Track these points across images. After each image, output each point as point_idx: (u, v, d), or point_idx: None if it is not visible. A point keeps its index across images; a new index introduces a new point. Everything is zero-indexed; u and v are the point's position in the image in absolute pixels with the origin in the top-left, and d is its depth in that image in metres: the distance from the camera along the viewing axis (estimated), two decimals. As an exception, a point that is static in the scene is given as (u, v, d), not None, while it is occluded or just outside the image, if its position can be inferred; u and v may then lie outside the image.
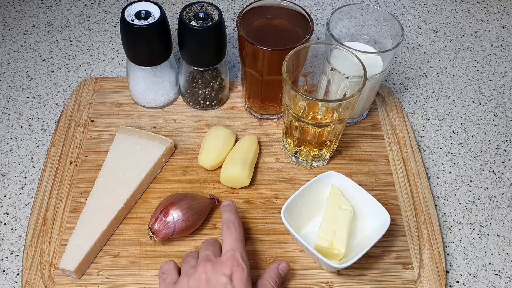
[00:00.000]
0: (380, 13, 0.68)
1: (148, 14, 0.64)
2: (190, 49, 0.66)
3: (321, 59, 0.64)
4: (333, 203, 0.60)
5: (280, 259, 0.59)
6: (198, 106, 0.74)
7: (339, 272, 0.59)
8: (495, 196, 0.68)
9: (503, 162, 0.72)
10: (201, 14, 0.65)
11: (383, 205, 0.64)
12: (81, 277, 0.57)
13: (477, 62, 0.87)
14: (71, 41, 0.85)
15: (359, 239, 0.59)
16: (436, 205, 0.67)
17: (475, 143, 0.75)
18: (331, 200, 0.60)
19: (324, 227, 0.58)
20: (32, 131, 0.72)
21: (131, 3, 0.65)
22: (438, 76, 0.84)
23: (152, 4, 0.66)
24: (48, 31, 0.86)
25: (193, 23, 0.65)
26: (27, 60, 0.81)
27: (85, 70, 0.81)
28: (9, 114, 0.74)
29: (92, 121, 0.72)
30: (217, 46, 0.66)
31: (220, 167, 0.66)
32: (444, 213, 0.66)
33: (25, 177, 0.67)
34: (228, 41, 0.79)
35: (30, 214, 0.62)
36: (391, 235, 0.62)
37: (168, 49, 0.68)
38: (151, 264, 0.58)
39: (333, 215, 0.58)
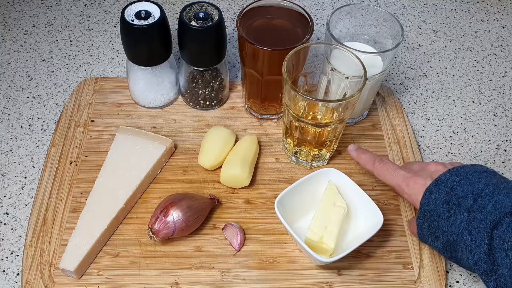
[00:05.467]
0: (380, 13, 0.68)
1: (148, 14, 0.64)
2: (190, 49, 0.66)
3: (321, 59, 0.64)
4: (328, 199, 0.60)
5: (280, 259, 0.59)
6: (198, 106, 0.74)
7: (339, 272, 0.59)
8: (495, 196, 0.68)
9: (503, 162, 0.72)
10: (201, 14, 0.65)
11: (383, 205, 0.65)
12: (81, 277, 0.57)
13: (477, 62, 0.87)
14: (71, 41, 0.85)
15: (351, 238, 0.59)
16: (436, 205, 0.67)
17: (475, 143, 0.75)
18: (326, 196, 0.60)
19: (316, 221, 0.58)
20: (32, 131, 0.72)
21: (131, 3, 0.65)
22: (438, 76, 0.84)
23: (152, 4, 0.66)
24: (48, 31, 0.86)
25: (193, 23, 0.65)
26: (27, 60, 0.81)
27: (85, 70, 0.81)
28: (9, 114, 0.74)
29: (92, 121, 0.72)
30: (217, 46, 0.66)
31: (220, 167, 0.66)
32: (444, 213, 0.66)
33: (25, 177, 0.67)
34: (228, 41, 0.79)
35: (30, 214, 0.62)
36: (391, 235, 0.62)
37: (168, 49, 0.68)
38: (151, 264, 0.58)
39: (326, 211, 0.58)
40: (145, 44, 0.65)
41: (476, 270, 0.49)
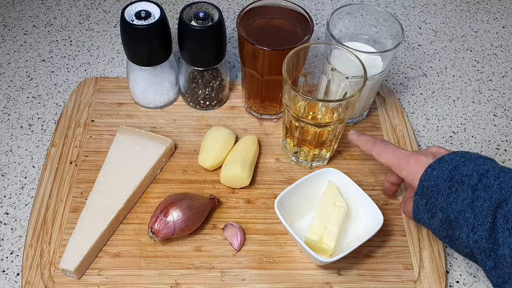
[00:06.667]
0: (380, 13, 0.68)
1: (148, 14, 0.64)
2: (190, 49, 0.66)
3: (321, 59, 0.64)
4: (328, 199, 0.60)
5: (280, 259, 0.59)
6: (198, 106, 0.74)
7: (339, 272, 0.59)
8: (495, 196, 0.68)
9: (503, 162, 0.72)
10: (201, 14, 0.65)
11: (383, 205, 0.65)
12: (81, 277, 0.57)
13: (477, 62, 0.87)
14: (71, 41, 0.85)
15: (351, 238, 0.59)
16: (436, 205, 0.67)
17: (475, 143, 0.75)
18: (326, 196, 0.60)
19: (316, 221, 0.58)
20: (32, 131, 0.72)
21: (131, 3, 0.65)
22: (438, 76, 0.84)
23: (152, 4, 0.66)
24: (48, 31, 0.86)
25: (193, 23, 0.65)
26: (27, 60, 0.81)
27: (85, 70, 0.81)
28: (9, 114, 0.74)
29: (92, 121, 0.72)
30: (217, 46, 0.67)
31: (220, 167, 0.66)
32: (444, 213, 0.66)
33: (25, 177, 0.66)
34: (228, 41, 0.79)
35: (30, 214, 0.62)
36: (391, 235, 0.62)
37: (168, 49, 0.68)
38: (151, 264, 0.58)
39: (326, 211, 0.59)
40: (145, 44, 0.65)
41: (475, 249, 0.49)
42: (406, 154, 0.56)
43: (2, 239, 0.61)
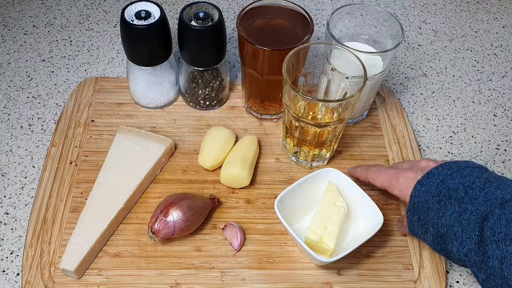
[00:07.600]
0: (380, 13, 0.68)
1: (148, 14, 0.64)
2: (190, 49, 0.66)
3: (321, 59, 0.64)
4: (328, 199, 0.60)
5: (280, 259, 0.59)
6: (198, 106, 0.74)
7: (339, 272, 0.59)
8: (495, 196, 0.68)
9: (503, 162, 0.72)
10: (201, 14, 0.65)
11: (383, 205, 0.65)
12: (81, 277, 0.57)
13: (477, 62, 0.87)
14: (71, 41, 0.85)
15: (351, 238, 0.59)
16: (436, 205, 0.67)
17: (475, 143, 0.75)
18: (326, 196, 0.60)
19: (316, 221, 0.58)
20: (32, 131, 0.72)
21: (131, 3, 0.65)
22: (438, 76, 0.84)
23: (152, 4, 0.66)
24: (48, 31, 0.86)
25: (193, 23, 0.65)
26: (27, 60, 0.81)
27: (85, 70, 0.81)
28: (9, 114, 0.74)
29: (92, 121, 0.72)
30: (217, 46, 0.67)
31: (220, 167, 0.66)
32: (444, 213, 0.66)
33: (25, 177, 0.66)
34: (228, 41, 0.79)
35: (30, 214, 0.62)
36: (391, 235, 0.62)
37: (168, 49, 0.68)
38: (151, 264, 0.58)
39: (326, 211, 0.59)
40: (145, 44, 0.65)
41: (467, 262, 0.49)
42: (395, 172, 0.56)
43: (2, 239, 0.61)
